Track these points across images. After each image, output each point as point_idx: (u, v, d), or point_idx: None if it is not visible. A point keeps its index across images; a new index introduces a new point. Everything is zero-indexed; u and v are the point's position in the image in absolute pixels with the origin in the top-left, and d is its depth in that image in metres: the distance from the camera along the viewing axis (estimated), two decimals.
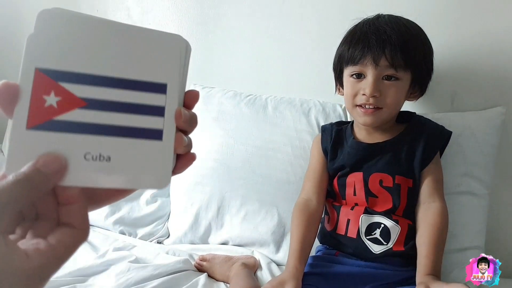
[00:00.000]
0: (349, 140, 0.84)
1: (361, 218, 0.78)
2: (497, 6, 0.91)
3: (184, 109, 0.32)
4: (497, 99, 0.93)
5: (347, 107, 0.83)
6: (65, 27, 0.30)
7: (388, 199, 0.78)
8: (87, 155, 0.29)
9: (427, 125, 0.82)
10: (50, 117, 0.28)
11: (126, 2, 1.25)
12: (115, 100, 0.30)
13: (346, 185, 0.82)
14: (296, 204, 0.84)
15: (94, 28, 0.30)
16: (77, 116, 0.29)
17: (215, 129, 1.03)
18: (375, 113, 0.77)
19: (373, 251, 0.76)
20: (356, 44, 0.77)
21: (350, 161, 0.81)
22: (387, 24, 0.77)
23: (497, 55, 0.92)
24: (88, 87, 0.29)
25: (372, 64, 0.75)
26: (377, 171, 0.79)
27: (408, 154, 0.79)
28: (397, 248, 0.75)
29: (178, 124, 0.31)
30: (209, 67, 1.19)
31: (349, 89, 0.80)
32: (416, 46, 0.77)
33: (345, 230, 0.79)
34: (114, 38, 0.30)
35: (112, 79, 0.30)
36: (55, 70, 0.29)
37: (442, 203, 0.77)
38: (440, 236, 0.73)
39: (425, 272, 0.69)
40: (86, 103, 0.29)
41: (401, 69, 0.75)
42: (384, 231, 0.76)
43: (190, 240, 1.02)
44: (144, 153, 0.30)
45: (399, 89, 0.77)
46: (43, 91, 0.28)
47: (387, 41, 0.74)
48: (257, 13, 1.13)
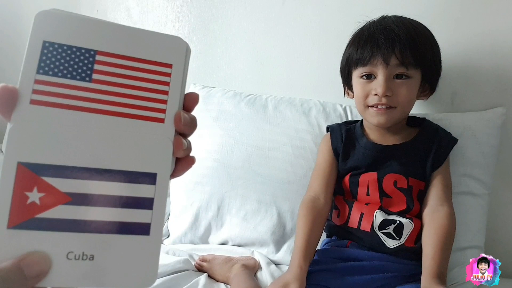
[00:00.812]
0: (361, 141, 0.83)
1: (376, 213, 0.77)
2: (498, 6, 0.91)
3: (184, 112, 0.31)
4: (498, 99, 0.93)
5: (359, 109, 0.83)
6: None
7: (402, 200, 0.78)
8: (69, 255, 0.28)
9: (439, 130, 0.83)
10: (32, 215, 0.27)
11: (126, 2, 1.25)
12: (101, 193, 0.29)
13: (359, 184, 0.81)
14: (303, 202, 0.83)
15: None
16: (61, 213, 0.28)
17: (215, 129, 1.03)
18: (388, 112, 0.77)
19: (388, 245, 0.76)
20: (365, 45, 0.77)
21: (366, 162, 0.81)
22: (394, 23, 0.77)
23: (498, 55, 0.92)
24: (73, 180, 0.28)
25: (382, 63, 0.74)
26: (391, 172, 0.79)
27: (422, 157, 0.80)
28: (409, 244, 0.76)
29: (177, 128, 0.31)
30: (209, 67, 1.19)
31: (359, 90, 0.79)
32: (425, 43, 0.77)
33: (358, 224, 0.78)
34: (100, 124, 0.29)
35: (99, 170, 0.29)
36: (39, 164, 0.28)
37: (451, 209, 0.77)
38: (448, 239, 0.73)
39: (430, 275, 0.68)
40: (70, 198, 0.28)
41: (412, 67, 0.75)
42: (398, 227, 0.76)
43: (190, 240, 1.02)
44: (129, 250, 0.29)
45: (411, 87, 0.77)
46: (26, 187, 0.27)
47: (396, 39, 0.74)
48: (257, 13, 1.13)
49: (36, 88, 0.29)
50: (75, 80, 0.29)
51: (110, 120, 0.30)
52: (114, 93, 0.30)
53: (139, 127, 0.30)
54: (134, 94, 0.31)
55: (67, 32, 0.30)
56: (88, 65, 0.30)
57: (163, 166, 0.30)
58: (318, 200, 0.82)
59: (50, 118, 0.29)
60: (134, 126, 0.30)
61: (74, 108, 0.29)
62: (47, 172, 0.28)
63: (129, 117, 0.30)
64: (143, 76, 0.31)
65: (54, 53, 0.29)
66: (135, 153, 0.30)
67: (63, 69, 0.29)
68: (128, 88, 0.31)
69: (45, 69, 0.29)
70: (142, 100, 0.31)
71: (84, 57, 0.30)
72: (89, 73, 0.30)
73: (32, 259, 0.26)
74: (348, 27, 0.84)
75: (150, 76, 0.31)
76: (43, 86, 0.29)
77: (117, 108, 0.30)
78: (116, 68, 0.30)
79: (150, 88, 0.31)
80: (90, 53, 0.30)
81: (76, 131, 0.29)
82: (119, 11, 1.26)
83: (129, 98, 0.30)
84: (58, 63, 0.29)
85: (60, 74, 0.29)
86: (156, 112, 0.31)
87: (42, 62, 0.29)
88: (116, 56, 0.30)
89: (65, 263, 0.27)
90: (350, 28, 0.84)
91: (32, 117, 0.28)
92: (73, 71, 0.29)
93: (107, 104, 0.30)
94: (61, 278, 0.27)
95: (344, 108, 0.99)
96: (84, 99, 0.29)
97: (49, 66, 0.29)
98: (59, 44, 0.29)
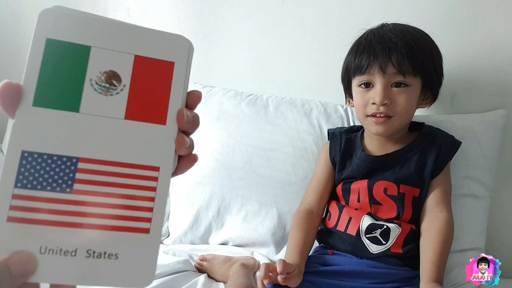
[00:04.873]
0: (358, 152, 0.83)
1: (363, 217, 0.78)
2: (499, 9, 0.92)
3: (186, 110, 0.31)
4: (497, 101, 0.93)
5: (359, 118, 0.83)
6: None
7: (392, 207, 0.78)
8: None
9: (439, 135, 0.82)
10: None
11: (126, 2, 1.25)
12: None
13: (351, 191, 0.82)
14: (297, 212, 0.84)
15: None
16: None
17: (216, 129, 1.02)
18: (386, 122, 0.77)
19: (371, 251, 0.75)
20: (362, 53, 0.77)
21: (360, 173, 0.81)
22: (392, 32, 0.77)
23: (498, 58, 0.93)
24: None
25: (379, 72, 0.75)
26: (382, 179, 0.79)
27: (418, 164, 0.79)
28: (395, 250, 0.75)
29: (180, 126, 0.31)
30: (210, 67, 1.18)
31: (358, 99, 0.79)
32: (424, 51, 0.76)
33: (345, 227, 0.79)
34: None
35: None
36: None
37: (450, 214, 0.77)
38: (446, 245, 0.73)
39: (430, 279, 0.68)
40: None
41: (410, 75, 0.75)
42: (385, 231, 0.76)
43: (190, 240, 1.01)
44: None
45: (410, 95, 0.76)
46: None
47: (392, 48, 0.74)
48: (257, 13, 1.13)
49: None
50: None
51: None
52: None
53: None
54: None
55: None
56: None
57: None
58: (311, 214, 0.83)
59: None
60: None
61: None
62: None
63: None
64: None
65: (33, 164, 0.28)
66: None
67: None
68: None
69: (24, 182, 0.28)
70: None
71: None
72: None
73: (19, 258, 0.26)
74: (348, 27, 0.84)
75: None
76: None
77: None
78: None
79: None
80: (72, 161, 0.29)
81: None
82: (119, 11, 1.26)
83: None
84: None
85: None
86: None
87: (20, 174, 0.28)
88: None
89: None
90: (350, 28, 0.84)
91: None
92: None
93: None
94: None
95: (345, 109, 0.99)
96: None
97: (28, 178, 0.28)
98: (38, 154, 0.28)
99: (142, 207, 0.29)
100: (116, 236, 0.28)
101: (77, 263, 0.28)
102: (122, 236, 0.29)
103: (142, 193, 0.29)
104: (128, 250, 0.28)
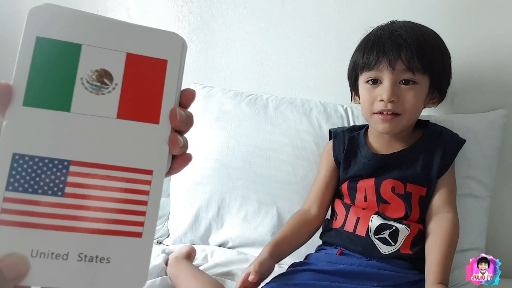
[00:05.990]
0: (363, 150, 0.82)
1: (372, 217, 0.77)
2: (499, 9, 0.92)
3: (180, 108, 0.31)
4: (497, 101, 0.93)
5: (364, 115, 0.82)
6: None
7: (400, 206, 0.77)
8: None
9: (444, 133, 0.81)
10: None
11: (126, 2, 1.25)
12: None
13: (357, 189, 0.81)
14: (295, 212, 0.85)
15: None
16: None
17: (216, 129, 1.02)
18: (394, 120, 0.75)
19: (382, 251, 0.75)
20: (371, 49, 0.76)
21: (366, 171, 0.80)
22: (402, 28, 0.76)
23: (498, 58, 0.92)
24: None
25: (388, 68, 0.74)
26: (389, 178, 0.78)
27: (424, 163, 0.78)
28: (404, 250, 0.74)
29: (173, 125, 0.31)
30: (210, 67, 1.18)
31: (365, 96, 0.78)
32: (433, 49, 0.76)
33: (354, 228, 0.78)
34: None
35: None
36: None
37: (456, 215, 0.76)
38: (452, 246, 0.72)
39: (436, 280, 0.67)
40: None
41: (419, 73, 0.74)
42: (394, 232, 0.75)
43: (190, 240, 1.01)
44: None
45: (418, 93, 0.75)
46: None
47: (402, 44, 0.73)
48: (257, 13, 1.12)
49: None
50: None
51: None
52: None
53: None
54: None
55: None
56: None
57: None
58: (308, 212, 0.83)
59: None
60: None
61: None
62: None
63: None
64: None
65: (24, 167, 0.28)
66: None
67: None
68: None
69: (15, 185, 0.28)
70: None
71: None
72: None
73: (11, 260, 0.26)
74: (348, 27, 0.84)
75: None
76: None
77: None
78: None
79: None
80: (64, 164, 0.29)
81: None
82: (119, 11, 1.26)
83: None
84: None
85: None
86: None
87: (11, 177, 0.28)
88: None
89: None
90: (350, 28, 0.84)
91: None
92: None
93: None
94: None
95: (345, 109, 0.99)
96: None
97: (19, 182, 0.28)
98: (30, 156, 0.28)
99: (134, 211, 0.29)
100: (108, 240, 0.28)
101: (68, 267, 0.27)
102: (114, 240, 0.28)
103: (135, 196, 0.29)
104: (120, 254, 0.28)
